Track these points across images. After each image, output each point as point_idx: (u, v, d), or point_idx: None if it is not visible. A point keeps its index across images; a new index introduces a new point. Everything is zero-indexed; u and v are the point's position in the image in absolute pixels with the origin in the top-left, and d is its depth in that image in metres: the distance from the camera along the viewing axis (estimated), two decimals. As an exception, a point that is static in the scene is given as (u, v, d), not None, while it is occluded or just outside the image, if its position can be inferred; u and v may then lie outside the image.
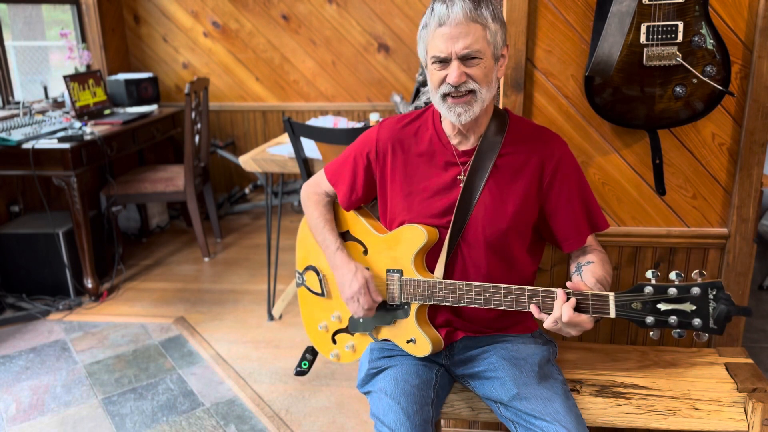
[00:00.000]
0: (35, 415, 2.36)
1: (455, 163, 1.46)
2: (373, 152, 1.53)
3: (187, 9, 4.54)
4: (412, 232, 1.45)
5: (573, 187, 1.45)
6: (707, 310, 1.20)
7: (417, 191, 1.47)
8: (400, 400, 1.37)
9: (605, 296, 1.25)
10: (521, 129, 1.48)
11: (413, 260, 1.46)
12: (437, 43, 1.32)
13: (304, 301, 1.72)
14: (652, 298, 1.22)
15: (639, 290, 1.23)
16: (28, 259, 3.30)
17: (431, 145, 1.48)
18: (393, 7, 4.36)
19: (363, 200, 1.60)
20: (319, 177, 1.65)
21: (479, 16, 1.30)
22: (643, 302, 1.23)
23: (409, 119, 1.53)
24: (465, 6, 1.30)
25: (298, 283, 1.72)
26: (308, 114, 4.62)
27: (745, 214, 1.74)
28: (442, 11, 1.31)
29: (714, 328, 1.20)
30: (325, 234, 1.59)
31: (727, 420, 1.51)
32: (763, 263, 3.41)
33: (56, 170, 3.15)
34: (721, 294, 1.19)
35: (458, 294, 1.40)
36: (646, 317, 1.23)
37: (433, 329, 1.49)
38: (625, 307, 1.25)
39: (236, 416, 2.32)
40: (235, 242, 4.17)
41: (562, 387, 1.42)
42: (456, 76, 1.31)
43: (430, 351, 1.46)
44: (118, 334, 2.96)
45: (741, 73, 1.66)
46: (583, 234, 1.47)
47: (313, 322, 1.69)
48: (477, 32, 1.31)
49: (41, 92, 3.95)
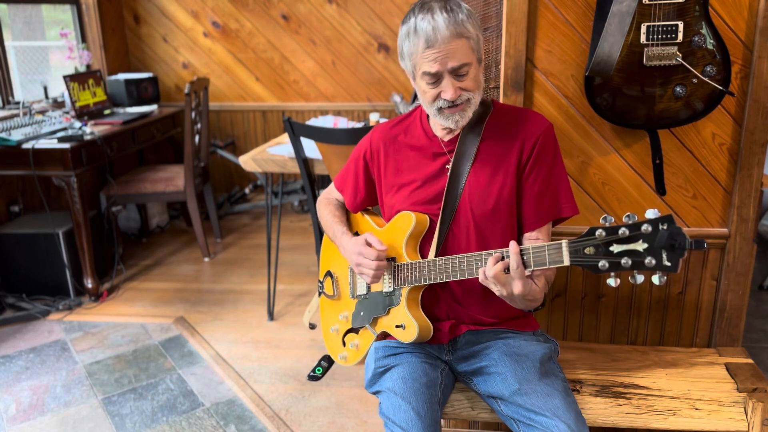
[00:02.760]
0: (35, 415, 2.36)
1: (443, 153, 1.53)
2: (368, 153, 1.63)
3: (187, 9, 4.54)
4: (403, 218, 1.53)
5: (545, 167, 1.48)
6: (660, 247, 1.12)
7: (408, 182, 1.55)
8: (410, 399, 1.39)
9: (558, 244, 1.24)
10: (503, 113, 1.52)
11: (405, 245, 1.51)
12: (427, 63, 1.37)
13: (322, 308, 1.79)
14: (604, 240, 1.17)
15: (591, 234, 1.19)
16: (28, 259, 3.30)
17: (420, 140, 1.56)
18: (393, 7, 4.36)
19: (368, 201, 1.69)
20: (330, 187, 1.79)
21: (463, 30, 1.35)
22: (595, 246, 1.18)
23: (399, 120, 1.63)
24: (448, 23, 1.33)
25: (319, 291, 1.79)
26: (308, 114, 4.62)
27: (745, 214, 1.74)
28: (428, 31, 1.34)
29: (668, 265, 1.12)
30: (334, 226, 1.68)
31: (727, 420, 1.51)
32: (763, 263, 3.42)
33: (56, 170, 3.15)
34: (672, 228, 1.11)
35: (437, 270, 1.44)
36: (599, 261, 1.18)
37: (423, 315, 1.52)
38: (579, 252, 1.21)
39: (236, 416, 2.32)
40: (235, 242, 4.17)
41: (562, 384, 1.44)
42: (452, 93, 1.38)
43: (416, 335, 1.48)
44: (118, 334, 2.96)
45: (741, 73, 1.66)
46: (545, 216, 1.49)
47: (327, 326, 1.76)
48: (463, 46, 1.36)
49: (41, 92, 3.95)
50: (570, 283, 1.90)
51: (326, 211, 1.74)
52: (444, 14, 1.34)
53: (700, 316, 1.87)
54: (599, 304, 1.91)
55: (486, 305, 1.53)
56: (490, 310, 1.54)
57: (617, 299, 1.89)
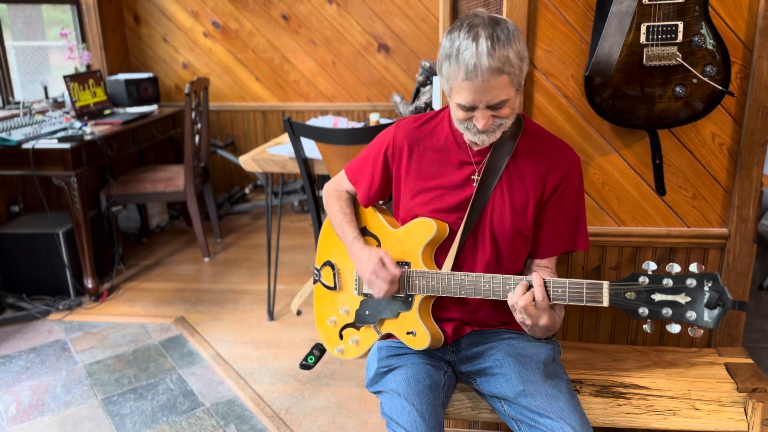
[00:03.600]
0: (35, 415, 2.36)
1: (470, 163, 1.49)
2: (390, 150, 1.57)
3: (187, 9, 4.54)
4: (423, 224, 1.49)
5: (570, 202, 1.49)
6: (702, 303, 1.14)
7: (431, 187, 1.52)
8: (414, 401, 1.39)
9: (599, 284, 1.25)
10: (535, 134, 1.51)
11: (422, 252, 1.49)
12: (463, 94, 1.32)
13: (318, 296, 1.76)
14: (647, 288, 1.19)
15: (634, 279, 1.20)
16: (28, 259, 3.30)
17: (446, 144, 1.52)
18: (393, 7, 4.36)
19: (381, 197, 1.65)
20: (340, 176, 1.72)
21: (506, 65, 1.28)
22: (637, 292, 1.20)
23: (426, 119, 1.57)
24: (492, 58, 1.26)
25: (315, 279, 1.76)
26: (308, 114, 4.62)
27: (745, 214, 1.74)
28: (469, 64, 1.27)
29: (708, 321, 1.14)
30: (344, 226, 1.64)
31: (727, 420, 1.51)
32: (763, 263, 3.42)
33: (56, 170, 3.15)
34: (716, 286, 1.14)
35: (460, 285, 1.43)
36: (639, 308, 1.20)
37: (435, 324, 1.51)
38: (619, 296, 1.22)
39: (236, 416, 2.32)
40: (235, 242, 4.17)
41: (566, 386, 1.43)
42: (483, 123, 1.35)
43: (428, 344, 1.48)
44: (118, 334, 2.96)
45: (741, 73, 1.66)
46: (559, 247, 1.51)
47: (323, 316, 1.73)
48: (504, 83, 1.30)
49: (41, 92, 3.94)
50: (570, 283, 1.90)
51: (336, 206, 1.68)
52: (489, 44, 1.26)
53: (700, 316, 1.86)
54: (599, 304, 1.90)
55: (495, 311, 1.53)
56: (499, 315, 1.54)
57: (617, 299, 1.89)
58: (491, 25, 1.30)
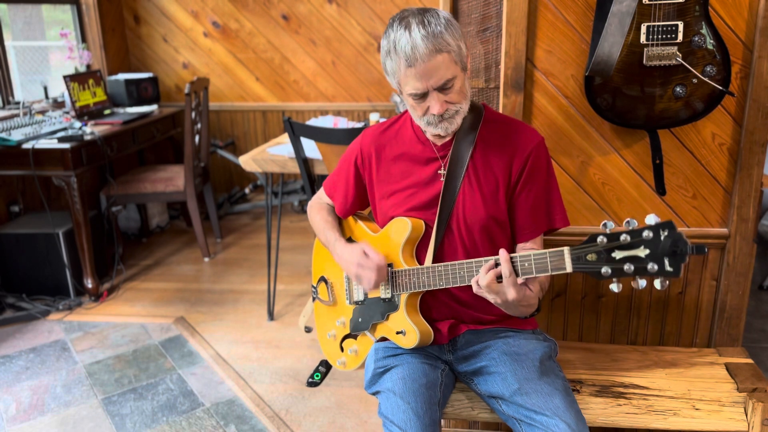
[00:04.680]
0: (35, 415, 2.36)
1: (435, 158, 1.52)
2: (360, 159, 1.62)
3: (187, 9, 4.54)
4: (398, 224, 1.52)
5: (539, 181, 1.49)
6: (661, 253, 1.13)
7: (402, 188, 1.55)
8: (409, 399, 1.40)
9: (560, 251, 1.25)
10: (496, 121, 1.53)
11: (401, 252, 1.51)
12: (411, 81, 1.37)
13: (318, 314, 1.79)
14: (606, 246, 1.18)
15: (593, 241, 1.20)
16: (28, 259, 3.30)
17: (411, 144, 1.56)
18: (393, 7, 4.36)
19: (358, 207, 1.68)
20: (321, 192, 1.78)
21: (442, 44, 1.33)
22: (597, 252, 1.19)
23: (389, 124, 1.62)
24: (426, 39, 1.32)
25: (313, 297, 1.79)
26: (308, 114, 4.62)
27: (745, 214, 1.74)
28: (407, 50, 1.33)
29: (670, 270, 1.13)
30: (326, 233, 1.67)
31: (727, 420, 1.51)
32: (763, 263, 3.41)
33: (56, 170, 3.15)
34: (672, 234, 1.12)
35: (437, 276, 1.44)
36: (602, 267, 1.19)
37: (423, 320, 1.52)
38: (581, 259, 1.22)
39: (236, 416, 2.32)
40: (235, 242, 4.17)
41: (562, 383, 1.44)
42: (438, 107, 1.38)
43: (417, 341, 1.48)
44: (118, 334, 2.96)
45: (741, 73, 1.66)
46: (538, 228, 1.51)
47: (323, 332, 1.75)
48: (445, 61, 1.34)
49: (41, 92, 3.94)
50: (570, 283, 1.90)
51: (318, 216, 1.73)
52: (421, 29, 1.32)
53: (700, 316, 1.87)
54: (599, 304, 1.91)
55: (488, 304, 1.53)
56: (493, 308, 1.54)
57: (617, 299, 1.89)
58: (421, 14, 1.36)
